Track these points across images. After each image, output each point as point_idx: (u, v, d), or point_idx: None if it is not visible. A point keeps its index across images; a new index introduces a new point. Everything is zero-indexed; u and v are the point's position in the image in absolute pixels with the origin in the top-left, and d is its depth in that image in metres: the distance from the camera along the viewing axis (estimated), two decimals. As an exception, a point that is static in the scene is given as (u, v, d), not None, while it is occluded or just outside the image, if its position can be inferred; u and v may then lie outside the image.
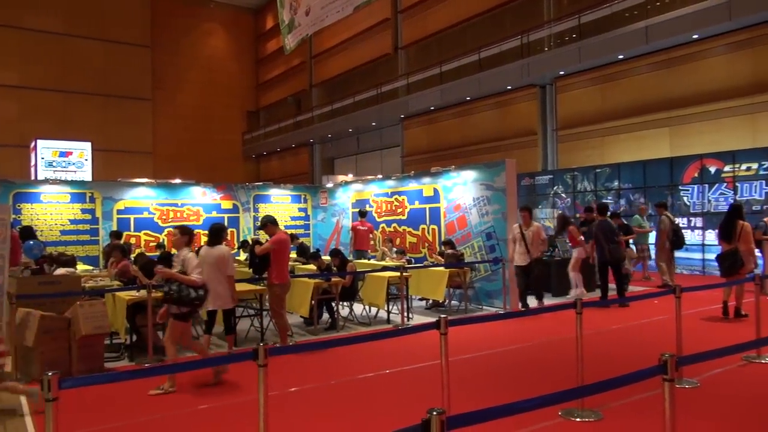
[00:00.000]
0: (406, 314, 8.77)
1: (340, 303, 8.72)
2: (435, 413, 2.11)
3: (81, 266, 10.09)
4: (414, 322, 8.78)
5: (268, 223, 7.23)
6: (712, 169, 13.16)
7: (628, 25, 15.02)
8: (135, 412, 4.88)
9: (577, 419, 4.37)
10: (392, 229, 12.44)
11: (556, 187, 16.77)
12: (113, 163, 27.39)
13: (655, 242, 11.45)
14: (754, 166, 12.44)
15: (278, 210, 14.67)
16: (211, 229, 6.67)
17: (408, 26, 24.68)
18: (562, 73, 17.59)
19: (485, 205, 10.01)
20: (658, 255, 11.46)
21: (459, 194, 10.62)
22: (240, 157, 35.55)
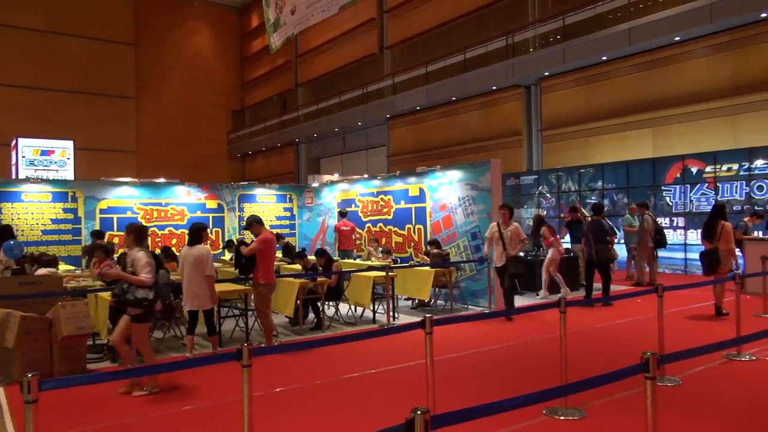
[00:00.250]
0: (392, 314, 8.77)
1: (326, 303, 8.70)
2: (419, 413, 2.11)
3: (63, 266, 9.96)
4: (400, 321, 8.79)
5: (254, 223, 7.20)
6: (694, 170, 13.33)
7: (611, 27, 15.17)
8: (118, 413, 4.83)
9: (561, 417, 4.41)
10: (378, 228, 12.44)
11: (541, 187, 16.88)
12: (96, 162, 27.04)
13: (638, 242, 11.62)
14: (735, 166, 12.62)
15: (263, 210, 14.60)
16: (191, 228, 6.67)
17: (393, 26, 24.68)
18: (547, 73, 17.71)
19: (470, 205, 10.05)
20: (640, 254, 11.64)
21: (444, 194, 10.65)
22: (225, 156, 35.32)
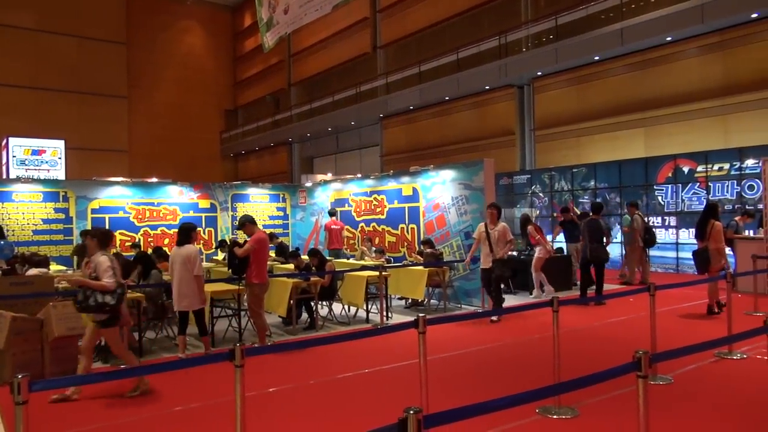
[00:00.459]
0: (386, 313, 8.77)
1: (319, 302, 8.69)
2: (412, 412, 2.11)
3: (54, 266, 9.90)
4: (393, 321, 8.79)
5: (247, 223, 7.20)
6: (686, 169, 13.40)
7: (603, 27, 15.23)
8: (109, 414, 4.80)
9: (554, 416, 4.42)
10: (371, 228, 12.44)
11: (533, 187, 16.93)
12: (88, 162, 26.90)
13: (628, 241, 11.72)
14: (726, 166, 12.70)
15: (256, 209, 14.56)
16: (180, 228, 6.70)
17: (387, 26, 24.68)
18: (540, 73, 17.76)
19: (464, 205, 10.06)
20: (630, 254, 11.74)
21: (438, 193, 10.65)
22: (218, 156, 35.21)
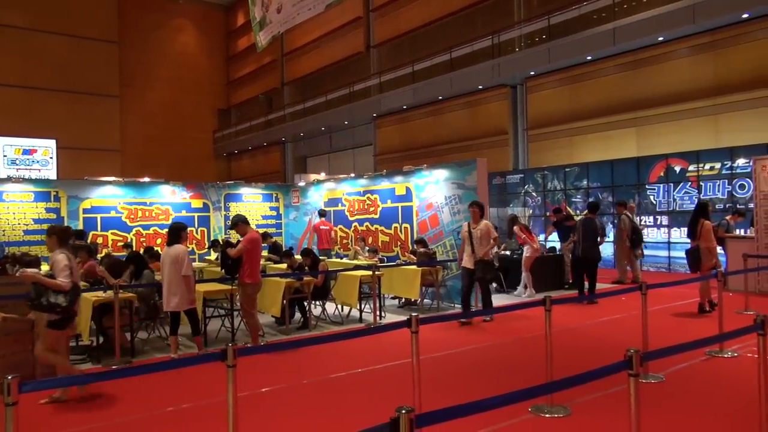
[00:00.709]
0: (379, 313, 8.77)
1: (313, 302, 8.68)
2: (404, 411, 2.11)
3: (45, 267, 9.82)
4: (386, 320, 8.79)
5: (239, 223, 7.19)
6: (677, 169, 13.47)
7: (596, 27, 15.27)
8: (102, 415, 4.78)
9: (547, 415, 4.43)
10: (365, 227, 12.44)
11: (526, 186, 16.97)
12: (79, 162, 26.74)
13: (615, 240, 11.79)
14: (717, 165, 12.78)
15: (249, 209, 14.52)
16: (170, 228, 6.70)
17: (380, 25, 24.67)
18: (532, 73, 17.80)
19: (457, 204, 10.07)
20: (619, 254, 11.81)
21: (431, 193, 10.66)
22: (211, 155, 35.09)
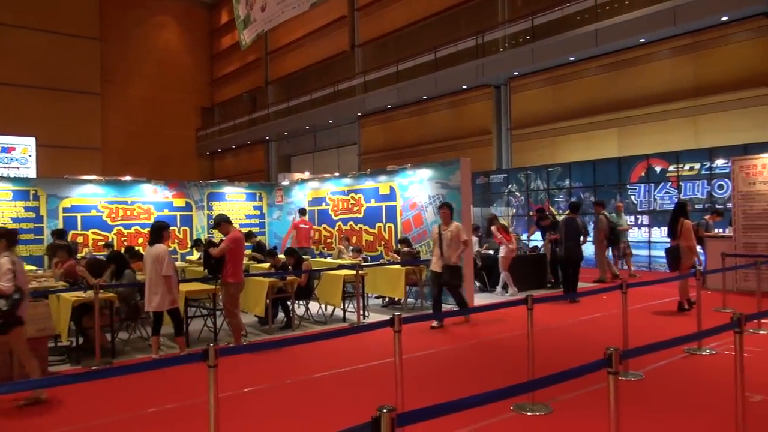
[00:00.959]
0: (362, 312, 8.77)
1: (296, 302, 8.66)
2: (385, 410, 2.11)
3: (24, 266, 9.67)
4: (370, 320, 8.79)
5: (222, 222, 7.15)
6: (658, 169, 13.65)
7: (579, 28, 15.42)
8: (81, 416, 4.72)
9: (528, 413, 4.47)
10: (348, 227, 12.42)
11: (510, 186, 17.07)
12: (59, 160, 26.30)
13: (593, 240, 11.94)
14: (697, 166, 12.97)
15: (233, 208, 14.43)
16: (151, 227, 6.69)
17: (365, 24, 24.65)
18: (516, 73, 17.91)
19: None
20: (599, 253, 11.97)
21: (415, 192, 10.68)
22: (194, 154, 34.80)
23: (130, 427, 4.53)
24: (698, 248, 9.35)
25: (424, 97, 20.81)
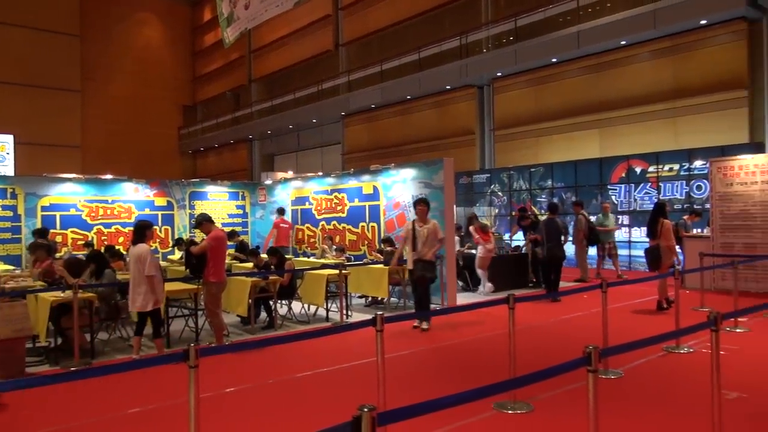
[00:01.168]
0: (345, 312, 8.77)
1: (279, 302, 8.62)
2: (366, 410, 2.11)
3: (1, 266, 9.56)
4: (353, 319, 8.79)
5: (204, 221, 7.11)
6: (638, 170, 13.82)
7: (561, 30, 15.55)
8: (60, 417, 4.66)
9: (510, 411, 4.50)
10: (332, 226, 12.40)
11: (493, 186, 17.17)
12: (38, 158, 25.88)
13: (573, 240, 12.09)
14: (676, 167, 13.16)
15: (215, 207, 14.33)
16: (134, 226, 6.67)
17: (349, 23, 24.61)
18: (499, 74, 18.00)
19: (424, 203, 10.11)
20: (580, 253, 12.13)
21: (398, 192, 10.70)
22: (176, 152, 34.46)
23: (110, 428, 4.48)
24: (677, 248, 9.49)
25: (408, 97, 20.84)
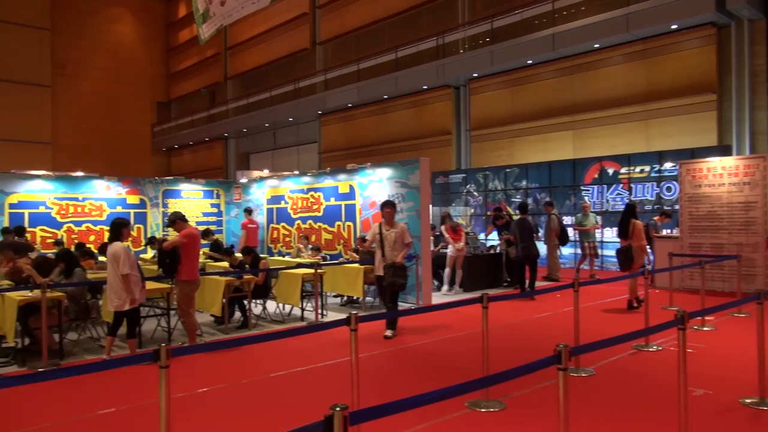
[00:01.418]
0: (320, 311, 8.75)
1: (253, 301, 8.56)
2: (338, 409, 2.12)
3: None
4: (328, 318, 8.77)
5: (177, 220, 7.02)
6: (610, 171, 14.06)
7: (536, 32, 15.73)
8: (29, 419, 4.56)
9: (483, 410, 4.54)
10: (308, 225, 12.36)
11: (468, 186, 17.29)
12: (6, 154, 25.27)
13: (545, 240, 12.26)
14: (647, 168, 13.41)
15: (189, 206, 14.17)
16: (111, 224, 6.64)
17: (326, 22, 24.54)
18: (475, 75, 18.13)
19: (400, 203, 10.14)
20: (551, 252, 12.33)
21: (374, 191, 10.71)
22: (149, 150, 33.93)
23: (79, 429, 4.40)
24: (648, 248, 9.68)
25: (385, 97, 20.87)
